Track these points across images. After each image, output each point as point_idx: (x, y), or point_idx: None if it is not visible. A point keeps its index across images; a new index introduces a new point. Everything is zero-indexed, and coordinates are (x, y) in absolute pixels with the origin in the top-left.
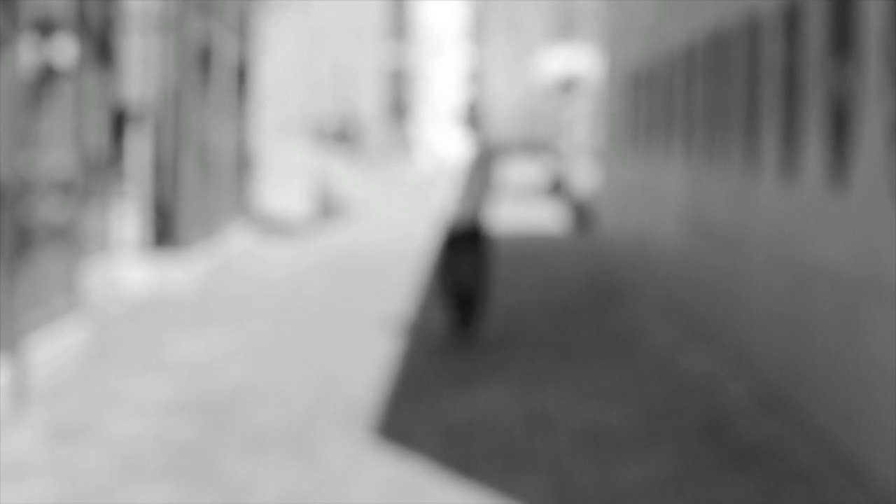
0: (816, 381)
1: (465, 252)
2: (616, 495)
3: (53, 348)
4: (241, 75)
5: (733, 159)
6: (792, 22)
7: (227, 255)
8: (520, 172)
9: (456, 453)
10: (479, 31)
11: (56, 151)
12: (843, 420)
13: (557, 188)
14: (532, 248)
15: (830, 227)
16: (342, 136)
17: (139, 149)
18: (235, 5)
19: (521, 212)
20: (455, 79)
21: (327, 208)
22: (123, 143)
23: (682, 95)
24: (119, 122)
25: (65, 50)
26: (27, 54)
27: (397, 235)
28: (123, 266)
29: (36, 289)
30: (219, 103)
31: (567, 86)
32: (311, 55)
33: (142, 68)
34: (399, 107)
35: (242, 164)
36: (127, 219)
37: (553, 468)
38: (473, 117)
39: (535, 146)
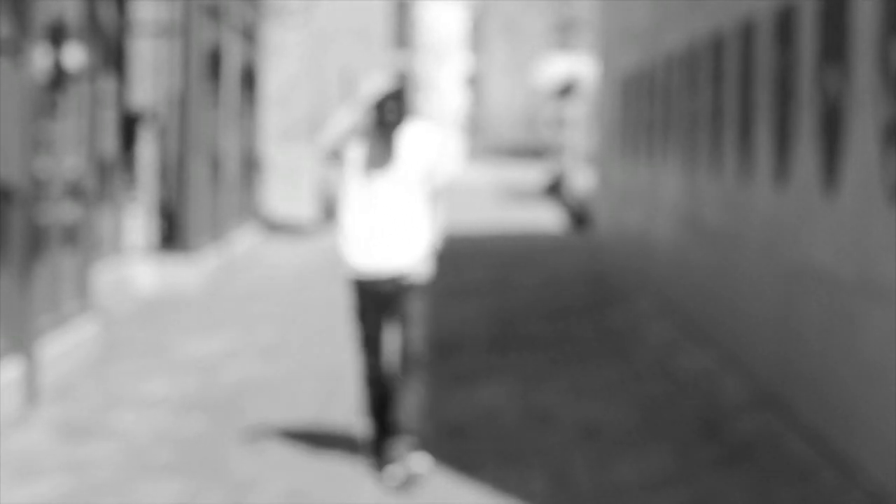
0: (809, 379)
1: (392, 314)
2: (613, 486)
3: (65, 348)
4: (249, 80)
5: (727, 162)
6: (785, 28)
7: (234, 258)
8: (520, 174)
9: (457, 450)
10: (478, 36)
11: (68, 155)
12: (835, 417)
13: (554, 189)
14: (529, 247)
15: (823, 228)
16: None
17: (149, 153)
18: (244, 11)
19: (519, 212)
20: (457, 84)
21: (332, 211)
22: (135, 147)
23: (675, 99)
24: (130, 127)
25: (76, 55)
26: (40, 59)
27: None
28: (133, 269)
29: (48, 290)
30: (227, 108)
31: (566, 90)
32: (318, 61)
33: (151, 73)
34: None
35: (250, 168)
36: (138, 222)
37: (551, 463)
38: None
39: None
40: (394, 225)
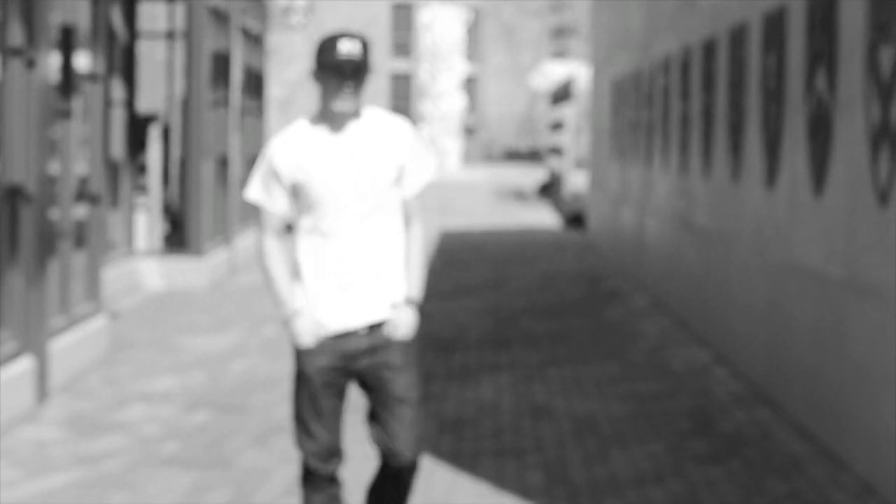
0: (800, 375)
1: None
2: (608, 479)
3: (74, 345)
4: (255, 83)
5: (718, 164)
6: (774, 32)
7: (240, 258)
8: (517, 176)
9: (456, 444)
10: (476, 42)
11: (78, 157)
12: (825, 412)
13: (549, 190)
14: (525, 246)
15: (813, 228)
16: None
17: (157, 155)
18: (249, 15)
19: (516, 213)
20: (455, 89)
21: None
22: (144, 149)
23: (667, 102)
24: (139, 130)
25: (86, 59)
26: (51, 64)
27: None
28: (141, 268)
29: (58, 289)
30: (233, 110)
31: (562, 94)
32: None
33: (159, 77)
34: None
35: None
36: (147, 224)
37: (548, 457)
38: None
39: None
40: (360, 256)
